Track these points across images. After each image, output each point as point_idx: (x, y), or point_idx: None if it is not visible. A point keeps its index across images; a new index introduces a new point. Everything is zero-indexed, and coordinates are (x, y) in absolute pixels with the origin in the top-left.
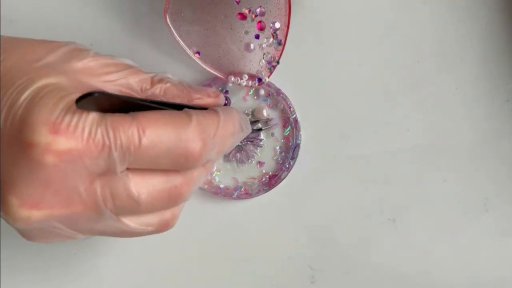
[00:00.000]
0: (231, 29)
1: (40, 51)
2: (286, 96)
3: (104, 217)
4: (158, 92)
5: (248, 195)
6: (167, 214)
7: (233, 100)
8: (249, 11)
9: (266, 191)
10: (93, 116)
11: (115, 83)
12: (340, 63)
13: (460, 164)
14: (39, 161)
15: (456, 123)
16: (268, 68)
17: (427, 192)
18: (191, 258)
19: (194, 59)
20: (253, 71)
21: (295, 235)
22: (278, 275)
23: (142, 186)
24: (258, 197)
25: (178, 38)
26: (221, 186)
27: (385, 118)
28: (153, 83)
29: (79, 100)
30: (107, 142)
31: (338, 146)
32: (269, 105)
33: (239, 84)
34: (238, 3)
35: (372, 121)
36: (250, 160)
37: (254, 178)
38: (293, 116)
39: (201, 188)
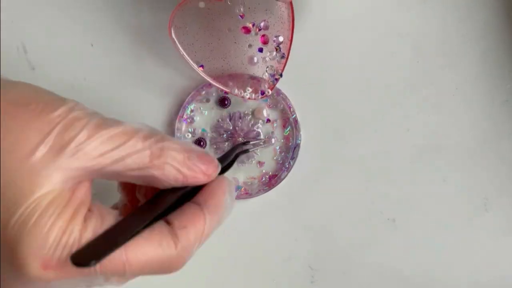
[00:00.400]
0: (235, 42)
1: (33, 137)
2: (286, 96)
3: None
4: (156, 173)
5: (248, 195)
6: None
7: (233, 100)
8: (253, 25)
9: (266, 191)
10: None
11: (111, 167)
12: (340, 63)
13: (460, 164)
14: (30, 281)
15: (456, 123)
16: (271, 81)
17: (427, 192)
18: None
19: (198, 72)
20: (257, 85)
21: (295, 235)
22: (278, 275)
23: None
24: (258, 197)
25: (183, 52)
26: None
27: (385, 118)
28: (152, 159)
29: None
30: (93, 273)
31: (338, 146)
32: (269, 105)
33: (243, 97)
34: (242, 17)
35: (372, 121)
36: (250, 160)
37: (254, 178)
38: (293, 116)
39: None
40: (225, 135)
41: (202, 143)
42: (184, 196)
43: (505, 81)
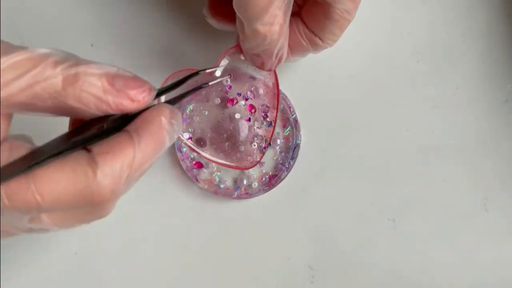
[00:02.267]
0: (223, 113)
1: None
2: (286, 96)
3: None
4: (71, 100)
5: (248, 195)
6: None
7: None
8: (239, 94)
9: (266, 191)
10: None
11: (18, 97)
12: (340, 63)
13: (460, 164)
14: None
15: (456, 123)
16: (260, 150)
17: (427, 192)
18: (191, 258)
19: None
20: (246, 153)
21: (295, 235)
22: (278, 275)
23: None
24: (258, 197)
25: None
26: (221, 186)
27: (385, 118)
28: (65, 86)
29: None
30: (4, 207)
31: (338, 146)
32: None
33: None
34: (229, 88)
35: (372, 121)
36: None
37: (254, 178)
38: (293, 116)
39: (201, 188)
40: (225, 135)
41: (202, 143)
42: (116, 126)
43: (505, 81)
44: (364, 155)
